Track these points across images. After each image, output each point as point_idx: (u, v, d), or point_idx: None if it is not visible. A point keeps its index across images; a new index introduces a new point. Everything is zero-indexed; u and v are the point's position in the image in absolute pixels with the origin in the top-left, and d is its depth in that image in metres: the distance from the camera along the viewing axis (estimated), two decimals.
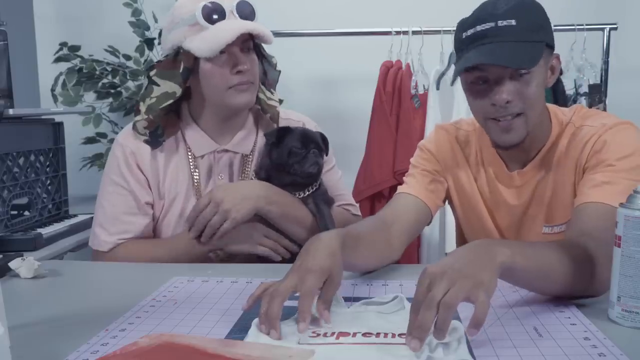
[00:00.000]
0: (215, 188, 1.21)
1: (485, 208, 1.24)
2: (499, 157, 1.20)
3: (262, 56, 1.34)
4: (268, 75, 1.37)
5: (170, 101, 1.26)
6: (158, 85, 1.27)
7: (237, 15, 1.22)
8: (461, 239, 1.36)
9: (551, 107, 1.17)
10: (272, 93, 1.37)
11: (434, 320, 0.71)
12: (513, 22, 1.02)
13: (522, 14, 1.02)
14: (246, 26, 1.20)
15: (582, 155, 1.10)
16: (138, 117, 1.29)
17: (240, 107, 1.27)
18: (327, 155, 1.30)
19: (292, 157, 1.22)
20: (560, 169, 1.14)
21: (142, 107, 1.28)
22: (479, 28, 1.04)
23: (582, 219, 0.99)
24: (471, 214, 1.26)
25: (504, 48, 1.02)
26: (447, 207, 1.35)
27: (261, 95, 1.34)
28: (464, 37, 1.06)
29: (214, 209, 1.16)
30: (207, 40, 1.19)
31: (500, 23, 1.02)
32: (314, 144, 1.24)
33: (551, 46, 1.08)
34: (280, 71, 1.39)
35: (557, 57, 1.12)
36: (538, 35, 1.04)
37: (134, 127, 1.30)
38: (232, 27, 1.19)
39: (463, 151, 1.26)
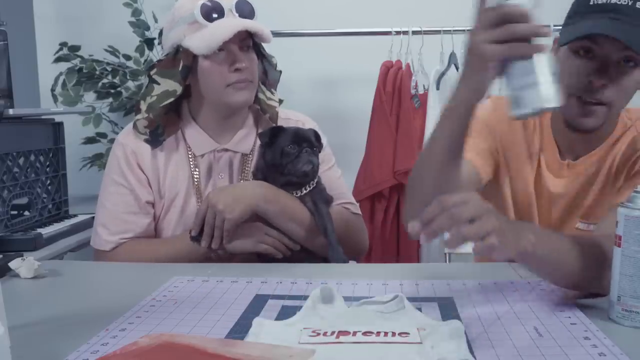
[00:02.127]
0: (211, 192, 1.21)
1: (534, 194, 1.19)
2: (554, 143, 1.17)
3: (262, 56, 1.34)
4: (269, 75, 1.37)
5: (171, 99, 1.27)
6: (158, 84, 1.27)
7: (235, 14, 1.22)
8: None
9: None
10: (272, 93, 1.37)
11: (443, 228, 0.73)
12: None
13: None
14: (243, 24, 1.20)
15: (634, 159, 1.09)
16: (139, 116, 1.29)
17: (238, 105, 1.27)
18: (320, 151, 1.29)
19: (285, 157, 1.22)
20: (612, 171, 1.13)
21: (143, 106, 1.29)
22: (613, 0, 0.98)
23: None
24: (521, 202, 1.21)
25: (629, 30, 0.97)
26: None
27: (261, 96, 1.34)
28: (592, 3, 1.00)
29: (212, 211, 1.17)
30: (205, 38, 1.20)
31: (638, 5, 0.98)
32: (307, 143, 1.24)
33: None
34: (281, 71, 1.39)
35: None
36: None
37: (135, 126, 1.30)
38: (229, 25, 1.19)
39: (524, 127, 1.20)
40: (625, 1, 0.98)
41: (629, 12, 0.98)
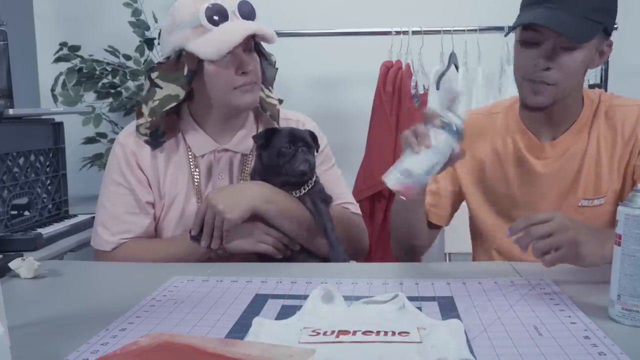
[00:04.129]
0: (210, 192, 1.21)
1: (527, 181, 1.25)
2: (527, 131, 1.24)
3: (261, 54, 1.34)
4: (266, 73, 1.37)
5: (174, 104, 1.26)
6: (160, 88, 1.26)
7: (238, 16, 1.22)
8: (475, 238, 1.39)
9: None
10: (270, 91, 1.37)
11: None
12: None
13: None
14: (252, 27, 1.20)
15: (636, 132, 1.16)
16: (141, 120, 1.28)
17: (245, 107, 1.27)
18: (317, 151, 1.29)
19: (282, 158, 1.22)
20: (600, 145, 1.19)
21: (145, 110, 1.28)
22: None
23: None
24: (492, 200, 1.28)
25: (562, 17, 1.06)
26: None
27: (261, 94, 1.34)
28: None
29: (212, 212, 1.17)
30: (212, 43, 1.18)
31: None
32: (303, 142, 1.24)
33: (608, 32, 1.13)
34: (277, 68, 1.39)
35: (610, 44, 1.16)
36: (598, 17, 1.08)
37: (137, 130, 1.30)
38: (237, 29, 1.19)
39: (479, 137, 1.29)
40: None
41: (564, 1, 1.07)
